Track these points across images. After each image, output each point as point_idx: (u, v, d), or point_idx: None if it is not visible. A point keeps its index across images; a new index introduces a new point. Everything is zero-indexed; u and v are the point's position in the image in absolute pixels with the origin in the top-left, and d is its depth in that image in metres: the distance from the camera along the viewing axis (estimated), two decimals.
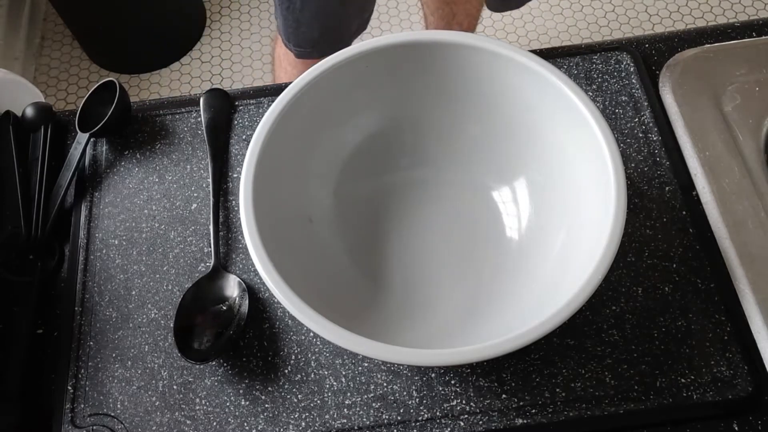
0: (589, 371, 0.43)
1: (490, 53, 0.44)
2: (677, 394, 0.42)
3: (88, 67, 1.57)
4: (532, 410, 0.42)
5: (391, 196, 0.50)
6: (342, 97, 0.46)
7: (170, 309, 0.47)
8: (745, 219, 0.47)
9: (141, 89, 1.54)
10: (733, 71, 0.53)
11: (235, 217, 0.51)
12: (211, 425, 0.43)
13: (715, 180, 0.48)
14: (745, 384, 0.42)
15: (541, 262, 0.44)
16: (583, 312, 0.45)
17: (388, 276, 0.47)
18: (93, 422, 0.44)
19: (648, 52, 0.56)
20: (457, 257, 0.48)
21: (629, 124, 0.52)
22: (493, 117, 0.47)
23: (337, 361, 0.45)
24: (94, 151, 0.55)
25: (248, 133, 0.54)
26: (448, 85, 0.47)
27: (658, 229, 0.47)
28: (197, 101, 0.56)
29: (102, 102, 0.54)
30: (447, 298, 0.46)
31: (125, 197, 0.52)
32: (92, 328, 0.47)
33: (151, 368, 0.46)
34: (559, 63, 0.54)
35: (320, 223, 0.47)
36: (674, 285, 0.45)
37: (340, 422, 0.43)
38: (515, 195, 0.48)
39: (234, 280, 0.47)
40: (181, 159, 0.54)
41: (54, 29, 1.64)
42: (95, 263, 0.50)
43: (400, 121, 0.49)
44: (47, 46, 1.62)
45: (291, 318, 0.47)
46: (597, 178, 0.40)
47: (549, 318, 0.35)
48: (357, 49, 0.44)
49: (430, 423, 0.42)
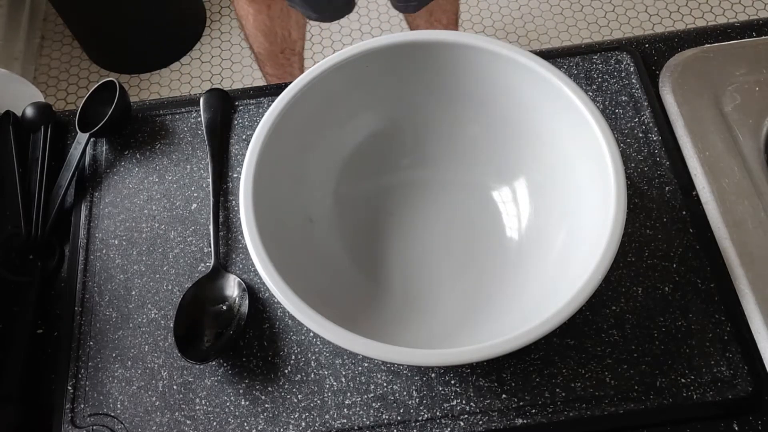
0: (589, 371, 0.43)
1: (490, 53, 0.44)
2: (677, 394, 0.42)
3: (88, 67, 1.57)
4: (532, 410, 0.42)
5: (391, 196, 0.50)
6: (342, 97, 0.46)
7: (170, 309, 0.47)
8: (745, 219, 0.47)
9: (141, 89, 1.54)
10: (733, 71, 0.53)
11: (235, 217, 0.51)
12: (211, 425, 0.43)
13: (715, 180, 0.48)
14: (745, 384, 0.42)
15: (541, 262, 0.44)
16: (583, 312, 0.45)
17: (388, 276, 0.47)
18: (93, 422, 0.44)
19: (648, 52, 0.56)
20: (457, 257, 0.48)
21: (629, 124, 0.52)
22: (493, 117, 0.47)
23: (337, 361, 0.45)
24: (94, 151, 0.55)
25: (248, 133, 0.54)
26: (448, 85, 0.47)
27: (658, 229, 0.47)
28: (197, 101, 0.56)
29: (102, 102, 0.54)
30: (447, 297, 0.46)
31: (125, 197, 0.52)
32: (92, 328, 0.47)
33: (151, 368, 0.46)
34: (559, 63, 0.54)
35: (320, 223, 0.47)
36: (674, 285, 0.45)
37: (340, 422, 0.43)
38: (515, 195, 0.48)
39: (234, 280, 0.47)
40: (181, 159, 0.54)
41: (54, 29, 1.64)
42: (95, 263, 0.50)
43: (400, 121, 0.49)
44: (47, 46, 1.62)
45: (291, 318, 0.47)
46: (597, 178, 0.40)
47: (549, 318, 0.35)
48: (357, 49, 0.44)
49: (430, 423, 0.42)
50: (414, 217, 0.50)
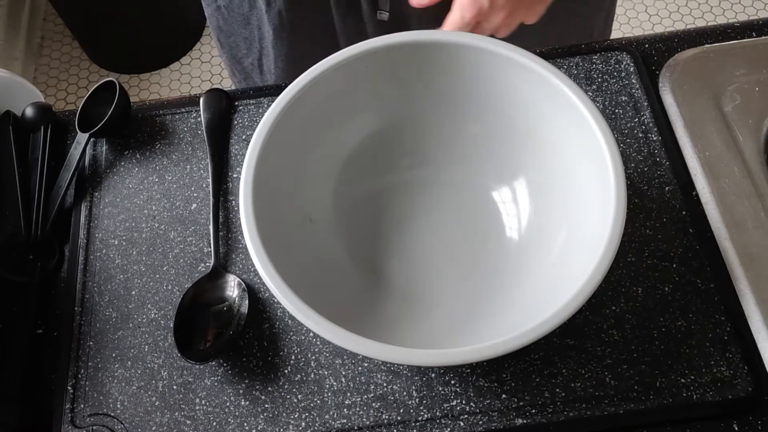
0: (589, 371, 0.43)
1: (490, 53, 0.44)
2: (677, 394, 0.42)
3: (88, 67, 1.58)
4: (532, 410, 0.42)
5: (391, 196, 0.50)
6: (342, 97, 0.46)
7: (170, 309, 0.47)
8: (745, 219, 0.47)
9: (141, 89, 1.54)
10: (733, 71, 0.53)
11: (235, 217, 0.51)
12: (211, 425, 0.43)
13: (715, 180, 0.48)
14: (745, 384, 0.42)
15: (541, 262, 0.44)
16: (583, 312, 0.45)
17: (388, 276, 0.47)
18: (93, 422, 0.44)
19: (648, 52, 0.56)
20: (456, 257, 0.48)
21: (629, 124, 0.52)
22: (493, 117, 0.47)
23: (337, 361, 0.45)
24: (94, 151, 0.55)
25: (248, 133, 0.54)
26: (448, 85, 0.47)
27: (658, 229, 0.47)
28: (197, 101, 0.56)
29: (102, 102, 0.54)
30: (447, 298, 0.46)
31: (125, 197, 0.52)
32: (92, 328, 0.47)
33: (151, 368, 0.46)
34: (559, 63, 0.54)
35: (320, 223, 0.47)
36: (674, 285, 0.45)
37: (340, 422, 0.43)
38: (515, 195, 0.48)
39: (234, 280, 0.47)
40: (181, 159, 0.54)
41: (54, 29, 1.64)
42: (95, 263, 0.50)
43: (400, 121, 0.49)
44: (47, 46, 1.62)
45: (291, 318, 0.47)
46: (597, 178, 0.40)
47: (549, 318, 0.35)
48: (357, 49, 0.44)
49: (430, 423, 0.42)
50: (414, 217, 0.50)
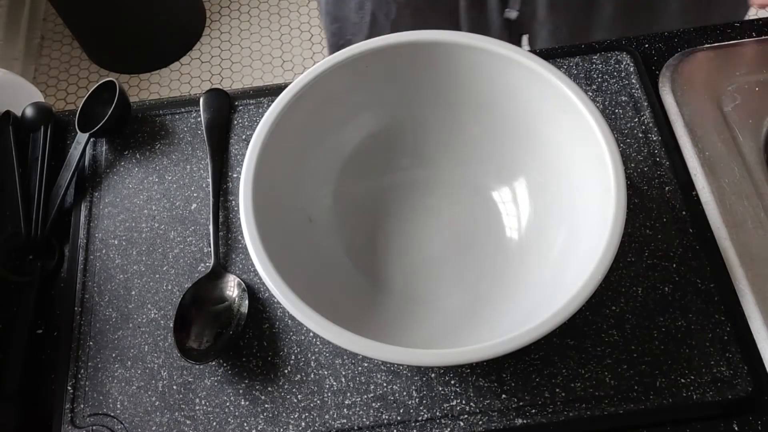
0: (589, 371, 0.43)
1: (490, 53, 0.44)
2: (677, 394, 0.42)
3: (87, 67, 1.58)
4: (532, 410, 0.42)
5: (391, 196, 0.50)
6: (342, 97, 0.46)
7: (170, 309, 0.47)
8: (745, 219, 0.47)
9: (141, 89, 1.54)
10: (733, 71, 0.53)
11: (235, 217, 0.51)
12: (210, 425, 0.43)
13: (715, 180, 0.48)
14: (745, 384, 0.42)
15: (541, 262, 0.44)
16: (583, 312, 0.45)
17: (388, 276, 0.47)
18: (93, 422, 0.44)
19: (648, 52, 0.56)
20: (456, 257, 0.48)
21: (629, 124, 0.52)
22: (493, 117, 0.47)
23: (337, 361, 0.45)
24: (94, 151, 0.55)
25: (248, 133, 0.54)
26: (448, 85, 0.47)
27: (658, 229, 0.47)
28: (197, 101, 0.56)
29: (102, 102, 0.54)
30: (447, 298, 0.46)
31: (125, 197, 0.52)
32: (92, 328, 0.47)
33: (151, 368, 0.46)
34: (559, 63, 0.54)
35: (320, 223, 0.47)
36: (674, 285, 0.45)
37: (339, 422, 0.43)
38: (515, 195, 0.48)
39: (234, 280, 0.47)
40: (181, 159, 0.54)
41: (54, 29, 1.64)
42: (95, 263, 0.50)
43: (400, 121, 0.49)
44: (47, 46, 1.62)
45: (291, 318, 0.47)
46: (597, 178, 0.40)
47: (549, 318, 0.35)
48: (357, 49, 0.44)
49: (430, 423, 0.42)
50: (414, 217, 0.50)
